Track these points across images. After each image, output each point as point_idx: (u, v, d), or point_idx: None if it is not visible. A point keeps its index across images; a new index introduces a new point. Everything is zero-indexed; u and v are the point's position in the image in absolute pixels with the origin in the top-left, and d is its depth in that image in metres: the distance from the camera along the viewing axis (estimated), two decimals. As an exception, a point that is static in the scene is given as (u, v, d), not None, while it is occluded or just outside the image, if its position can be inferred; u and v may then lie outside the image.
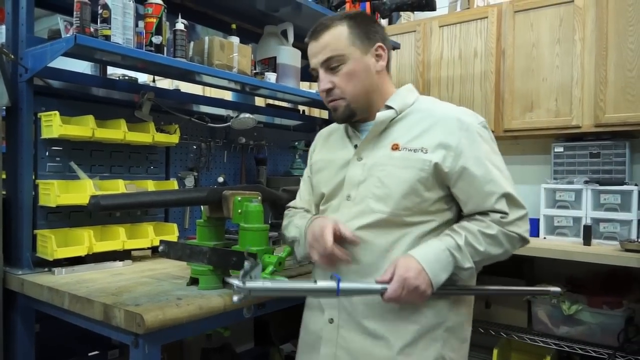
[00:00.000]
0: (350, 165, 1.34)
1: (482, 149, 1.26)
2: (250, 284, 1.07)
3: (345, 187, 1.33)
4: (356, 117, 1.34)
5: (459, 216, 1.31)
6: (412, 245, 1.25)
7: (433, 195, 1.26)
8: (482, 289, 1.33)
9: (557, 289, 1.36)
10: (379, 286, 1.18)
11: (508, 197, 1.25)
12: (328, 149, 1.45)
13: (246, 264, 1.10)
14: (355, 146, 1.35)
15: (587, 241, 2.62)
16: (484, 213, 1.26)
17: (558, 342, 2.58)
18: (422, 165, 1.24)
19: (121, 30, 1.67)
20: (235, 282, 1.08)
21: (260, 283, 1.09)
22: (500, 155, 1.31)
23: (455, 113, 1.28)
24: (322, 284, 1.14)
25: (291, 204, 1.57)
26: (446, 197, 1.28)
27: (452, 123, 1.26)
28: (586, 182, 2.77)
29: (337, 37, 1.28)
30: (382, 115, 1.30)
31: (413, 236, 1.26)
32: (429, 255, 1.20)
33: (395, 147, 1.28)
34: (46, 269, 1.70)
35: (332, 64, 1.29)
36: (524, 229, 1.26)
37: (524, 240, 1.27)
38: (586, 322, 2.54)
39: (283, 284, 1.17)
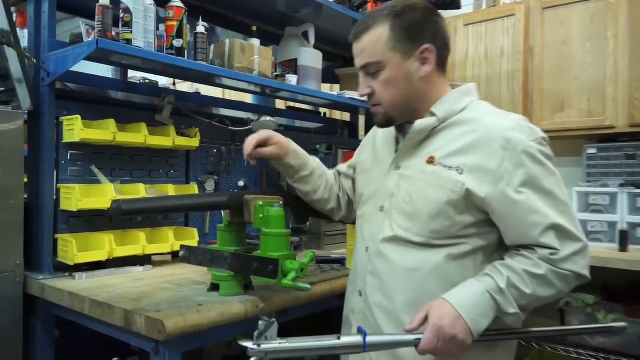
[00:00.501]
0: (387, 174, 1.28)
1: (530, 172, 1.12)
2: (266, 346, 1.00)
3: (380, 196, 1.28)
4: (396, 123, 1.28)
5: (502, 241, 1.19)
6: (442, 267, 1.16)
7: (466, 220, 1.16)
8: (529, 332, 1.19)
9: (623, 324, 1.24)
10: (411, 337, 1.08)
11: (558, 229, 1.11)
12: (376, 148, 1.40)
13: (260, 323, 1.02)
14: (396, 152, 1.29)
15: (623, 247, 2.56)
16: (530, 247, 1.13)
17: (593, 353, 2.51)
18: (453, 187, 1.15)
19: (142, 33, 1.69)
20: (249, 345, 1.00)
21: (277, 344, 1.00)
22: (557, 177, 1.15)
23: (503, 129, 1.15)
24: (347, 339, 1.05)
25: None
26: (485, 221, 1.17)
27: (496, 142, 1.14)
28: (622, 185, 2.70)
29: (376, 41, 1.21)
30: (420, 124, 1.22)
31: (442, 258, 1.17)
32: (466, 300, 1.10)
33: (430, 160, 1.20)
34: (67, 274, 1.72)
35: (370, 70, 1.23)
36: (581, 265, 1.12)
37: (582, 278, 1.13)
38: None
39: (302, 343, 1.04)
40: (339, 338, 1.05)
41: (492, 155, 1.13)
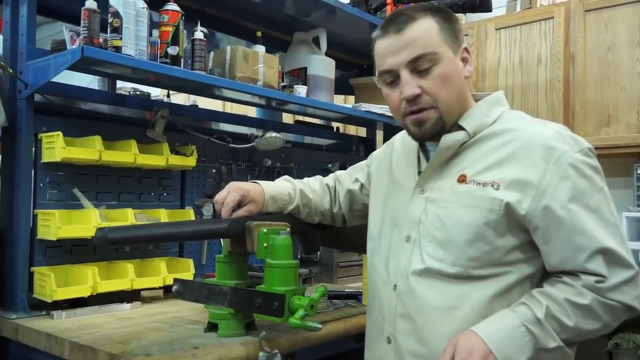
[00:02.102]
0: (412, 198, 1.26)
1: (577, 186, 1.11)
2: None
3: (404, 224, 1.26)
4: (444, 132, 1.23)
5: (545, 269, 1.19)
6: (484, 305, 1.14)
7: (508, 242, 1.14)
8: None
9: None
10: None
11: (607, 254, 1.09)
12: (393, 168, 1.39)
13: (261, 355, 1.02)
14: (420, 173, 1.28)
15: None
16: (573, 274, 1.12)
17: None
18: (490, 205, 1.13)
19: (133, 40, 1.70)
20: None
21: None
22: (605, 194, 1.15)
23: (544, 137, 1.14)
24: None
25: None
26: (525, 245, 1.16)
27: (537, 151, 1.13)
28: (679, 210, 2.65)
29: (428, 31, 1.18)
30: (448, 139, 1.21)
31: (485, 293, 1.14)
32: (497, 334, 1.08)
33: (462, 179, 1.19)
34: (44, 313, 1.70)
35: (421, 65, 1.18)
36: (631, 295, 1.10)
37: (631, 311, 1.11)
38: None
39: None
40: None
41: (532, 167, 1.13)
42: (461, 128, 1.22)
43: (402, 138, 1.44)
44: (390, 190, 1.36)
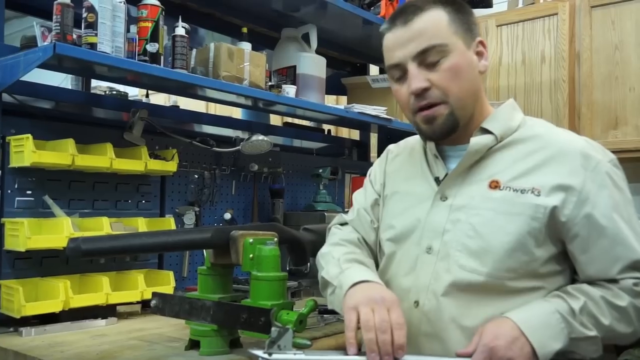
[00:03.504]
0: (432, 207, 1.26)
1: (614, 196, 1.17)
2: (278, 356, 1.04)
3: (425, 235, 1.25)
4: (457, 131, 1.24)
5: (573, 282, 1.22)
6: None
7: (545, 253, 1.17)
8: None
9: None
10: None
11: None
12: (405, 173, 1.38)
13: (273, 330, 1.07)
14: (437, 180, 1.28)
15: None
16: (610, 281, 1.16)
17: None
18: (534, 212, 1.15)
19: (110, 36, 1.70)
20: (259, 353, 1.04)
21: (292, 355, 1.05)
22: (632, 205, 1.21)
23: (579, 145, 1.19)
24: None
25: (336, 220, 1.52)
26: (559, 255, 1.19)
27: (575, 159, 1.17)
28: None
29: (437, 22, 1.20)
30: (477, 142, 1.22)
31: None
32: (532, 319, 1.10)
33: (494, 185, 1.20)
34: (12, 329, 1.69)
35: (429, 58, 1.19)
36: None
37: None
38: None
39: (323, 356, 1.11)
40: (364, 354, 1.07)
41: (573, 173, 1.16)
42: (487, 132, 1.24)
43: (397, 145, 1.48)
44: (403, 196, 1.35)
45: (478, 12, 3.52)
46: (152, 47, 1.81)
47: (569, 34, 3.09)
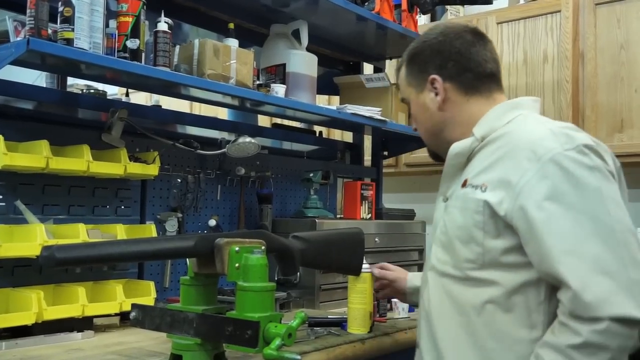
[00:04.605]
0: (437, 208, 1.50)
1: (556, 185, 1.19)
2: None
3: (432, 233, 1.51)
4: (443, 155, 1.50)
5: None
6: (485, 311, 1.29)
7: (501, 244, 1.28)
8: None
9: None
10: None
11: (582, 258, 1.16)
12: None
13: None
14: None
15: None
16: (560, 301, 1.19)
17: None
18: (475, 207, 1.31)
19: (87, 32, 1.69)
20: None
21: None
22: (599, 193, 1.19)
23: (532, 139, 1.27)
24: None
25: None
26: (521, 247, 1.27)
27: (522, 153, 1.27)
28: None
29: (402, 79, 1.57)
30: (456, 147, 1.43)
31: (483, 297, 1.30)
32: None
33: (463, 184, 1.38)
34: (-19, 343, 1.68)
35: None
36: (623, 305, 1.10)
37: (634, 323, 1.12)
38: None
39: None
40: None
41: (515, 168, 1.26)
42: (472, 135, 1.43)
43: None
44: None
45: (478, 9, 3.55)
46: (132, 44, 1.80)
47: (573, 32, 3.12)
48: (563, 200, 1.18)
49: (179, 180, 2.35)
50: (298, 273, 2.25)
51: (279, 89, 2.31)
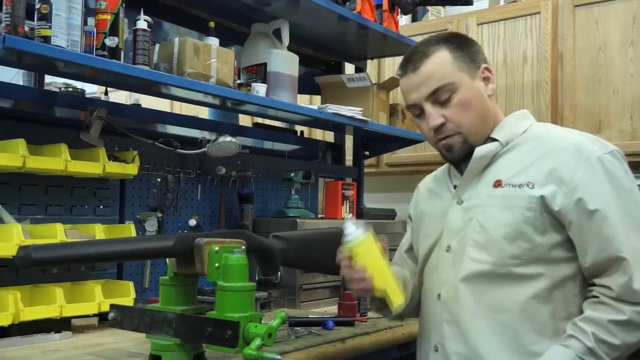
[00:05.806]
0: (449, 211, 1.48)
1: (605, 184, 1.31)
2: None
3: (445, 237, 1.48)
4: (454, 158, 1.48)
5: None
6: (526, 306, 1.33)
7: (550, 240, 1.33)
8: None
9: None
10: None
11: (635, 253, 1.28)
12: (430, 198, 1.62)
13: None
14: (455, 187, 1.50)
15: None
16: (607, 287, 1.29)
17: None
18: (527, 203, 1.34)
19: (65, 29, 1.68)
20: None
21: None
22: (636, 196, 1.34)
23: (573, 140, 1.37)
24: None
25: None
26: (566, 243, 1.34)
27: (568, 152, 1.34)
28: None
29: (442, 63, 1.43)
30: (481, 150, 1.44)
31: (527, 294, 1.34)
32: None
33: (497, 184, 1.40)
34: (-44, 345, 1.66)
35: (441, 96, 1.42)
36: None
37: None
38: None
39: None
40: None
41: (564, 165, 1.33)
42: (493, 140, 1.45)
43: (430, 176, 1.69)
44: (426, 217, 1.59)
45: (458, 10, 3.57)
46: (111, 42, 1.79)
47: (552, 33, 3.15)
48: (614, 199, 1.31)
49: (159, 179, 2.34)
50: (279, 273, 2.25)
51: (259, 89, 2.31)
